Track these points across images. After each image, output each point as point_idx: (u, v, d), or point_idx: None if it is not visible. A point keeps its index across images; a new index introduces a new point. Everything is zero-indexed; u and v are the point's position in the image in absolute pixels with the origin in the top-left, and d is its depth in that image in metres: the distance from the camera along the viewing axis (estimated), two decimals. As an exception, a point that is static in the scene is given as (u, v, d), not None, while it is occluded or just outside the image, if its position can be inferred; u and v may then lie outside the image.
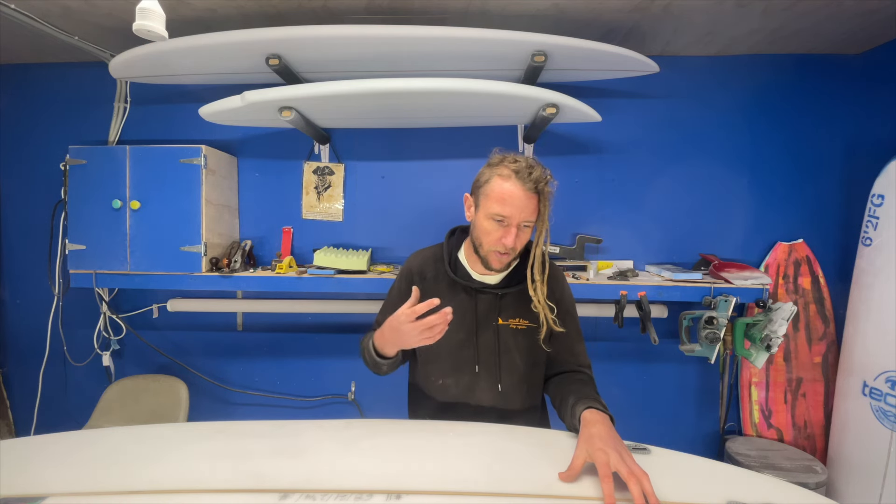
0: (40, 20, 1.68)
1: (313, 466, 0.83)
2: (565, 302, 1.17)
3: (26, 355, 2.27)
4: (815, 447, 2.07)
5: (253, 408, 2.29)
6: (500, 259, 1.07)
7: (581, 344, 1.19)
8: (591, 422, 0.88)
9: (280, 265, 1.99)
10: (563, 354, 1.17)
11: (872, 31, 1.83)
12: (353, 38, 1.68)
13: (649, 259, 2.16)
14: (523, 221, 1.03)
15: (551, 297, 1.13)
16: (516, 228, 1.02)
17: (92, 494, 0.74)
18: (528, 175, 1.01)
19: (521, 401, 1.18)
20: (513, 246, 1.03)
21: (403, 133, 2.16)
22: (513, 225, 1.02)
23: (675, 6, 1.66)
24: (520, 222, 1.02)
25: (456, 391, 1.16)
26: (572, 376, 1.14)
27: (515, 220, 1.02)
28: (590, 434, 0.85)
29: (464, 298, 1.14)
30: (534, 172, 1.01)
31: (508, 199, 1.01)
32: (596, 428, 0.86)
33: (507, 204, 1.01)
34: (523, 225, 1.03)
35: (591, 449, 0.81)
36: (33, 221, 2.22)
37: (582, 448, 0.82)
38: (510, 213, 1.01)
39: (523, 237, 1.06)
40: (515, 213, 1.01)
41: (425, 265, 1.20)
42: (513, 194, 1.01)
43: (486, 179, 1.06)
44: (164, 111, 2.19)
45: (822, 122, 2.09)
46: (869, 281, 1.80)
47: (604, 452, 0.78)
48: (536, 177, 1.01)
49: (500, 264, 1.07)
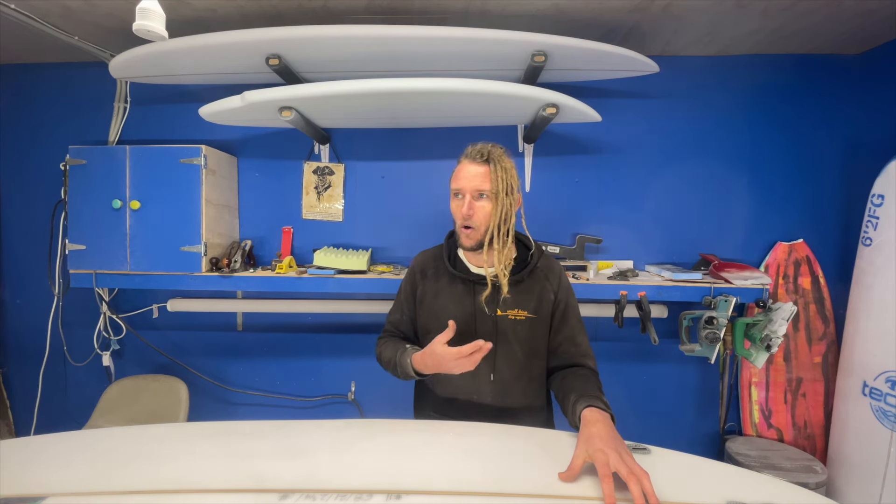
0: (40, 20, 1.68)
1: (313, 466, 0.83)
2: (563, 292, 1.20)
3: (26, 355, 2.27)
4: (815, 447, 2.07)
5: (253, 408, 2.29)
6: (468, 234, 1.13)
7: (583, 335, 1.20)
8: (591, 421, 0.88)
9: (280, 265, 1.99)
10: (566, 346, 1.18)
11: (872, 31, 1.84)
12: (353, 38, 1.68)
13: (649, 259, 2.16)
14: (475, 190, 1.10)
15: (549, 287, 1.18)
16: (469, 197, 1.11)
17: (92, 494, 0.74)
18: (475, 150, 1.13)
19: (522, 396, 1.18)
20: (467, 214, 1.10)
21: (403, 133, 2.16)
22: (465, 194, 1.11)
23: (675, 6, 1.66)
24: (472, 191, 1.10)
25: (458, 383, 1.17)
26: (576, 371, 1.14)
27: (468, 190, 1.11)
28: (589, 434, 0.85)
29: (462, 291, 1.18)
30: (480, 147, 1.13)
31: (460, 175, 1.13)
32: (595, 427, 0.86)
33: (459, 179, 1.13)
34: (478, 194, 1.11)
35: (590, 449, 0.81)
36: (33, 221, 2.22)
37: (581, 448, 0.82)
38: (461, 185, 1.12)
39: (481, 208, 1.11)
40: (465, 183, 1.11)
41: (426, 263, 1.26)
42: (462, 168, 1.13)
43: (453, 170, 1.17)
44: (164, 111, 2.19)
45: (822, 122, 2.09)
46: (869, 281, 1.80)
47: (603, 452, 0.78)
48: (481, 149, 1.12)
49: (467, 240, 1.13)
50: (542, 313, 1.17)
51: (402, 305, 1.28)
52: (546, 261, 1.21)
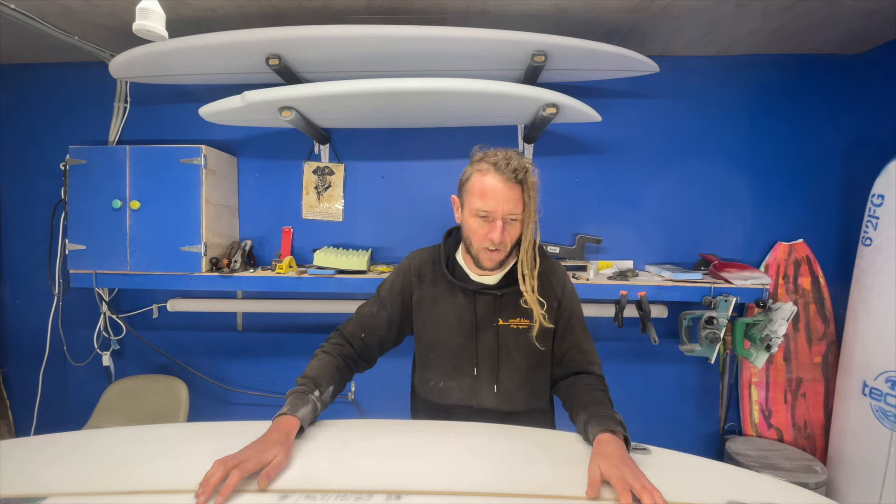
0: (40, 20, 1.68)
1: (313, 466, 0.83)
2: (568, 298, 1.14)
3: (26, 355, 2.27)
4: (815, 447, 2.07)
5: (253, 408, 2.29)
6: (491, 257, 1.03)
7: (589, 341, 1.15)
8: (605, 442, 0.87)
9: (280, 265, 1.99)
10: (572, 353, 1.13)
11: (872, 31, 1.83)
12: (353, 38, 1.68)
13: (649, 259, 2.16)
14: (508, 214, 1.00)
15: (552, 294, 1.11)
16: (501, 222, 0.99)
17: (92, 494, 0.74)
18: (507, 166, 0.98)
19: (524, 402, 1.15)
20: (500, 241, 1.00)
21: (403, 133, 2.16)
22: (497, 219, 0.99)
23: (675, 6, 1.66)
24: (504, 215, 0.99)
25: (459, 394, 1.15)
26: (583, 380, 1.10)
27: (499, 214, 0.99)
28: (603, 451, 0.84)
29: (462, 300, 1.13)
30: (511, 162, 0.98)
31: (490, 193, 0.99)
32: (610, 447, 0.85)
33: (488, 198, 0.99)
34: (509, 218, 1.00)
35: (605, 466, 0.80)
36: (33, 221, 2.22)
37: (595, 464, 0.81)
38: (493, 206, 0.99)
39: (511, 231, 1.02)
40: (498, 206, 0.99)
41: (424, 267, 1.18)
42: (493, 187, 0.98)
43: (468, 177, 1.04)
44: (164, 111, 2.19)
45: (822, 122, 2.09)
46: (869, 281, 1.80)
47: (619, 469, 0.78)
48: (515, 166, 0.98)
49: (491, 262, 1.04)
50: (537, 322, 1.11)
51: (385, 302, 1.17)
52: (549, 266, 1.14)
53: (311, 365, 1.07)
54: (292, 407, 0.94)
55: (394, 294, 1.17)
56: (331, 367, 1.07)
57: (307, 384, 1.00)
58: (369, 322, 1.16)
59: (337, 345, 1.13)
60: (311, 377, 1.02)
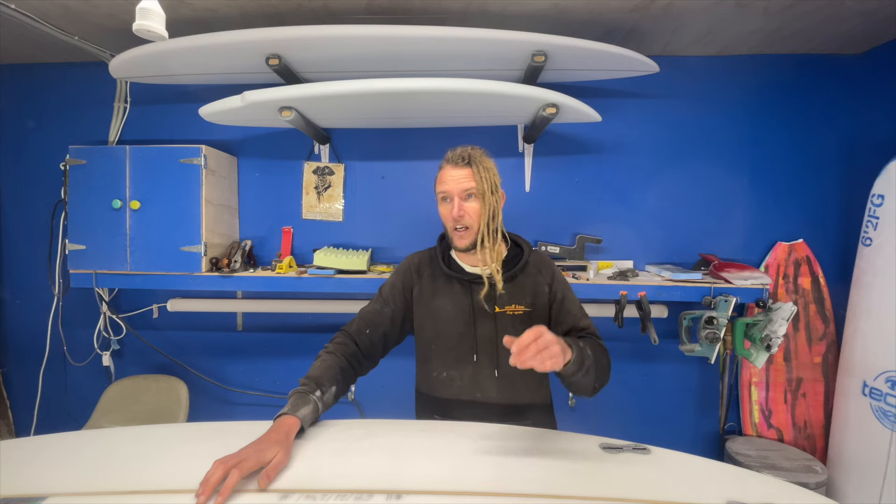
0: (40, 20, 1.68)
1: (313, 466, 0.83)
2: (558, 284, 1.22)
3: (26, 355, 2.27)
4: (815, 447, 2.07)
5: (253, 408, 2.29)
6: (461, 236, 1.15)
7: (586, 319, 1.21)
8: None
9: (280, 265, 1.99)
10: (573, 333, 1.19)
11: (872, 31, 1.83)
12: (353, 38, 1.68)
13: (649, 259, 2.16)
14: (462, 191, 1.13)
15: (542, 280, 1.20)
16: (458, 199, 1.13)
17: (92, 494, 0.74)
18: (456, 154, 1.15)
19: (525, 389, 1.19)
20: (459, 215, 1.12)
21: (403, 133, 2.16)
22: (454, 197, 1.13)
23: (675, 6, 1.66)
24: (459, 192, 1.13)
25: (460, 384, 1.19)
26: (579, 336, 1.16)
27: (454, 192, 1.13)
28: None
29: (459, 291, 1.20)
30: (460, 151, 1.16)
31: (445, 179, 1.15)
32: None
33: (444, 182, 1.15)
34: (465, 195, 1.13)
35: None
36: (33, 221, 2.22)
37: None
38: (448, 187, 1.14)
39: (471, 207, 1.13)
40: (452, 186, 1.13)
41: (422, 264, 1.26)
42: (446, 172, 1.15)
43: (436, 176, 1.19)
44: (164, 111, 2.19)
45: (822, 122, 2.09)
46: (869, 281, 1.80)
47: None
48: (461, 152, 1.15)
49: (461, 242, 1.15)
50: (538, 306, 1.19)
51: (389, 299, 1.23)
52: (537, 256, 1.24)
53: (315, 365, 1.09)
54: (293, 407, 0.95)
55: (395, 291, 1.24)
56: (334, 367, 1.09)
57: (309, 384, 1.02)
58: (374, 319, 1.21)
59: (341, 344, 1.16)
60: (313, 377, 1.04)
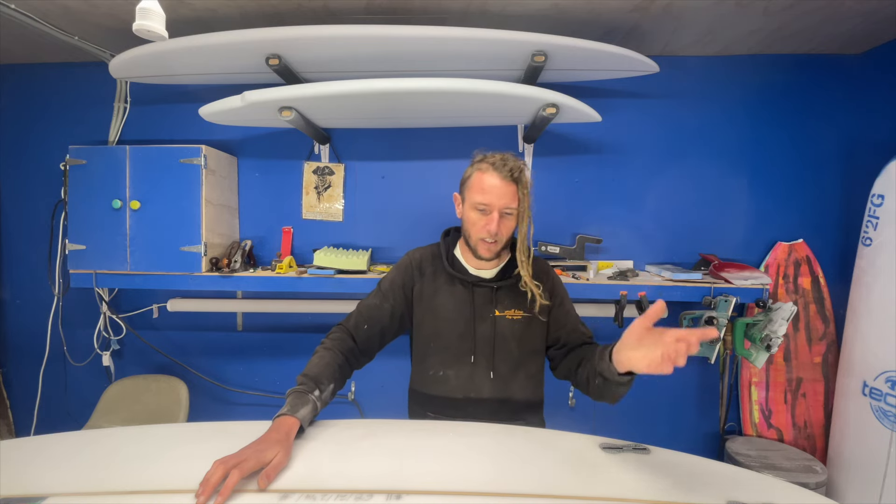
0: (40, 20, 1.68)
1: (313, 466, 0.83)
2: (558, 291, 1.24)
3: (26, 355, 2.27)
4: (815, 447, 2.07)
5: (253, 408, 2.29)
6: (488, 248, 1.13)
7: (582, 325, 1.24)
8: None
9: (280, 265, 1.99)
10: (570, 336, 1.22)
11: (872, 31, 1.83)
12: (353, 38, 1.68)
13: (649, 259, 2.16)
14: (504, 208, 1.11)
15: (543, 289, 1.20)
16: (497, 214, 1.10)
17: (92, 494, 0.74)
18: (504, 165, 1.10)
19: (519, 388, 1.21)
20: (496, 231, 1.10)
21: (403, 133, 2.16)
22: (494, 211, 1.10)
23: (675, 6, 1.66)
24: (500, 209, 1.10)
25: (455, 382, 1.20)
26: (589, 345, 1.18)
27: (496, 207, 1.10)
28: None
29: (461, 291, 1.20)
30: (508, 163, 1.11)
31: (488, 189, 1.10)
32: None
33: (486, 193, 1.10)
34: (504, 212, 1.11)
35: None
36: (33, 221, 2.22)
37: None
38: (490, 200, 1.10)
39: (506, 224, 1.12)
40: (495, 200, 1.10)
41: (424, 262, 1.26)
42: (491, 183, 1.10)
43: (469, 175, 1.16)
44: (164, 111, 2.19)
45: (822, 122, 2.09)
46: (869, 281, 1.80)
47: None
48: (511, 166, 1.11)
49: (488, 253, 1.14)
50: (537, 312, 1.19)
51: (388, 294, 1.22)
52: (538, 264, 1.25)
53: (312, 362, 1.09)
54: (292, 407, 0.95)
55: (395, 287, 1.23)
56: (332, 364, 1.09)
57: (307, 383, 1.01)
58: (372, 313, 1.21)
59: (338, 339, 1.16)
60: (311, 376, 1.03)
